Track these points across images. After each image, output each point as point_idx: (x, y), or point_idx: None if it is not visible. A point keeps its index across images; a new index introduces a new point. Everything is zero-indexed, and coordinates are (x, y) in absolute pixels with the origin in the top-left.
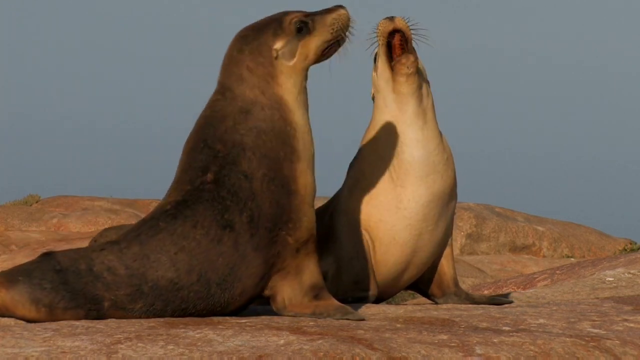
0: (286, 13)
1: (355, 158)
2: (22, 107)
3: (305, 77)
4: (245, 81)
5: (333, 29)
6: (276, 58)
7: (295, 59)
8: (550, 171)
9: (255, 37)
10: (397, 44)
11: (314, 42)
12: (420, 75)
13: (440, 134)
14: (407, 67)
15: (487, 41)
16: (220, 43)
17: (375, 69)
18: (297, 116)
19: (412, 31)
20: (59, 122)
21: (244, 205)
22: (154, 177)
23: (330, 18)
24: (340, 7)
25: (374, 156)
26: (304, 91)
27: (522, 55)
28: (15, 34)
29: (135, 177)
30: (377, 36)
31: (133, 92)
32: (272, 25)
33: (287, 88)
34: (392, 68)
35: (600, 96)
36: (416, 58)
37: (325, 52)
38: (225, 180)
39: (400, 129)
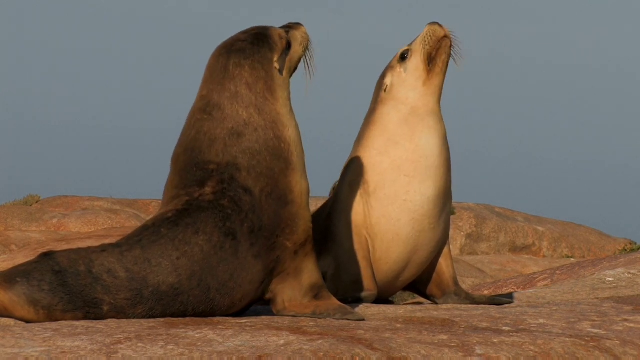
0: (267, 28)
1: (355, 152)
2: (22, 107)
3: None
4: (242, 99)
5: (303, 46)
6: (279, 71)
7: (284, 73)
8: (550, 171)
9: (256, 50)
10: (448, 51)
11: (295, 58)
12: (446, 73)
13: None
14: (446, 53)
15: (487, 42)
16: (218, 42)
17: (402, 65)
18: (290, 130)
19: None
20: (59, 123)
21: (245, 217)
22: (154, 177)
23: (299, 36)
24: (300, 24)
25: (384, 144)
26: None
27: (522, 56)
28: (15, 34)
29: (135, 177)
30: (427, 38)
31: (133, 92)
32: (266, 39)
33: (282, 102)
34: (428, 68)
35: (600, 96)
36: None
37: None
38: (224, 192)
39: (419, 117)
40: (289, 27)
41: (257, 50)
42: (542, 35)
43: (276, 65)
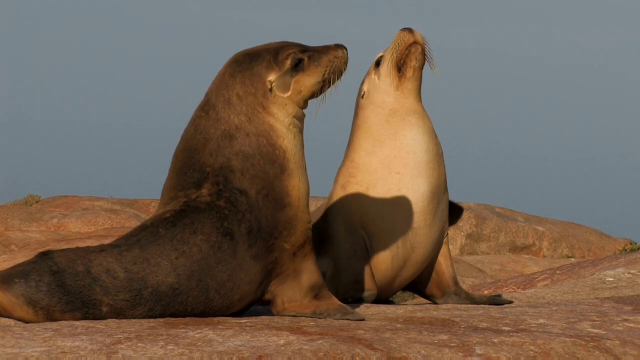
0: (283, 46)
1: (346, 156)
2: (22, 107)
3: (302, 106)
4: (233, 106)
5: (326, 71)
6: (270, 90)
7: (289, 92)
8: (550, 171)
9: (248, 66)
10: (418, 56)
11: (307, 81)
12: (421, 77)
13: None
14: (416, 59)
15: (486, 42)
16: (219, 42)
17: (376, 72)
18: (287, 141)
19: (426, 48)
20: (59, 122)
21: (242, 217)
22: (154, 177)
23: (325, 59)
24: (339, 47)
25: (371, 144)
26: (299, 118)
27: (521, 56)
28: (15, 33)
29: (135, 177)
30: (395, 45)
31: (133, 92)
32: (267, 57)
33: (278, 117)
34: (399, 73)
35: (599, 96)
36: (424, 56)
37: (319, 90)
38: (221, 193)
39: (400, 117)
40: (324, 48)
41: (250, 66)
42: (544, 35)
43: (270, 84)
